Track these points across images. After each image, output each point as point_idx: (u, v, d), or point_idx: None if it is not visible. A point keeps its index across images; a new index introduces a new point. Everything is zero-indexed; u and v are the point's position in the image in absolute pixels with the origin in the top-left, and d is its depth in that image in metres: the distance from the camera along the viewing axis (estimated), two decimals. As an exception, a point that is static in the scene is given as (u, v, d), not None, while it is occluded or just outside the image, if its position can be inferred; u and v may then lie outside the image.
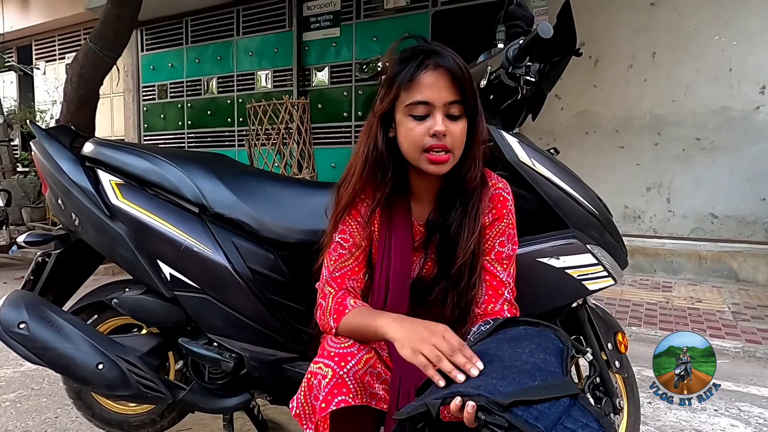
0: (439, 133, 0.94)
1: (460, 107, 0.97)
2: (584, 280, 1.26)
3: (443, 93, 0.95)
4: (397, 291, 1.04)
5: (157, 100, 6.86)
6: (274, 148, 4.61)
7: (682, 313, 3.20)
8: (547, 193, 1.27)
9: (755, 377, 2.36)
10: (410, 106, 0.96)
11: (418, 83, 0.95)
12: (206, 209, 1.37)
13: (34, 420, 1.86)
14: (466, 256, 1.02)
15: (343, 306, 1.00)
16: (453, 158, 0.98)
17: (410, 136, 0.97)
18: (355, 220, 1.08)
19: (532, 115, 1.48)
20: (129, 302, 1.42)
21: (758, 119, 4.04)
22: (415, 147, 0.97)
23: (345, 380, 0.87)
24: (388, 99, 0.98)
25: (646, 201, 4.49)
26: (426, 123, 0.96)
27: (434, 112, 0.95)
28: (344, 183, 1.07)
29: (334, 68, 5.61)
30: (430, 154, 0.96)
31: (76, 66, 4.00)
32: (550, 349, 0.85)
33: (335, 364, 0.88)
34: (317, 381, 0.87)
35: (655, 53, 4.37)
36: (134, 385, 1.32)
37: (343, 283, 1.06)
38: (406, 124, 0.97)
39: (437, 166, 0.97)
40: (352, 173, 1.05)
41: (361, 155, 1.04)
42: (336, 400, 0.86)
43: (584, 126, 4.65)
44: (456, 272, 1.03)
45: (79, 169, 1.41)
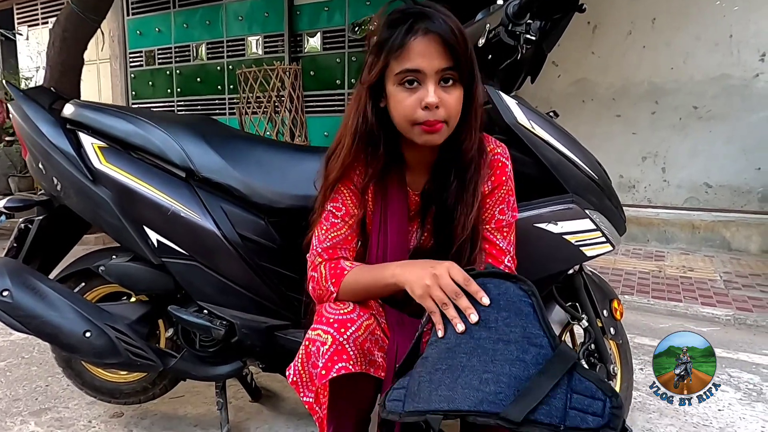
0: (431, 105, 0.89)
1: (454, 74, 0.91)
2: (582, 246, 1.24)
3: (435, 60, 0.88)
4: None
5: (145, 67, 6.68)
6: (266, 116, 4.52)
7: (674, 282, 3.22)
8: (546, 157, 1.24)
9: (745, 344, 2.39)
10: (400, 74, 0.90)
11: (408, 50, 0.88)
12: (194, 174, 1.32)
13: (24, 388, 1.85)
14: (465, 232, 0.99)
15: (340, 269, 0.97)
16: (447, 128, 0.93)
17: (401, 108, 0.91)
18: (347, 188, 1.03)
19: (531, 77, 1.44)
20: (116, 269, 1.39)
21: (757, 87, 3.99)
22: (406, 119, 0.92)
23: (345, 347, 0.85)
24: (377, 68, 0.92)
25: (641, 171, 4.47)
26: (418, 93, 0.90)
27: (426, 81, 0.89)
28: (333, 156, 1.02)
29: (326, 34, 5.46)
30: (423, 125, 0.91)
31: (58, 29, 3.86)
32: (522, 311, 0.81)
33: (335, 331, 0.85)
34: (316, 348, 0.85)
35: (655, 19, 4.28)
36: (123, 353, 1.29)
37: (335, 253, 1.02)
38: (396, 94, 0.92)
39: (431, 136, 0.92)
40: (341, 146, 1.00)
41: (350, 128, 0.98)
42: (336, 367, 0.83)
43: (581, 94, 4.59)
44: (455, 246, 0.99)
45: (59, 131, 1.35)
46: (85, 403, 1.73)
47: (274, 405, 1.76)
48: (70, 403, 1.74)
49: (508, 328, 0.80)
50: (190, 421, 1.65)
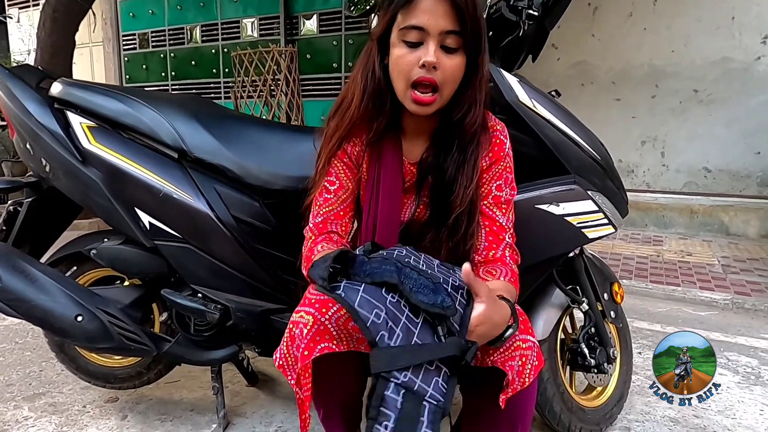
0: (428, 64, 0.87)
1: (459, 39, 0.88)
2: (584, 228, 1.21)
3: (440, 20, 0.86)
4: (384, 234, 0.98)
5: (139, 50, 6.57)
6: (261, 100, 4.46)
7: (672, 266, 3.21)
8: (548, 136, 1.21)
9: (743, 328, 2.38)
10: (404, 30, 0.88)
11: (415, 6, 0.86)
12: (186, 154, 1.28)
13: (18, 374, 1.83)
14: (463, 205, 0.96)
15: (310, 252, 0.97)
16: (440, 98, 0.91)
17: (400, 63, 0.90)
18: (341, 162, 1.02)
19: (533, 55, 1.40)
20: (108, 252, 1.36)
21: (758, 70, 3.95)
22: (402, 77, 0.90)
23: (327, 326, 0.82)
24: (384, 20, 0.91)
25: (640, 155, 4.44)
26: (418, 51, 0.88)
27: (428, 40, 0.87)
28: (338, 112, 0.99)
29: (323, 16, 5.37)
30: (415, 92, 0.89)
31: (49, 9, 3.77)
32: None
33: (316, 311, 0.82)
34: (299, 330, 0.82)
35: (656, 1, 4.22)
36: (116, 338, 1.27)
37: (325, 227, 1.02)
38: (397, 50, 0.90)
39: (420, 107, 0.91)
40: (349, 102, 0.98)
41: (359, 83, 0.96)
42: (319, 348, 0.81)
43: (580, 77, 4.54)
44: (452, 220, 0.97)
45: (47, 110, 1.31)
46: (80, 388, 1.71)
47: (270, 389, 1.74)
48: (64, 388, 1.72)
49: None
50: (186, 406, 1.63)
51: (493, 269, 0.96)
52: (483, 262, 0.99)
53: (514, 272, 0.97)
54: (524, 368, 0.82)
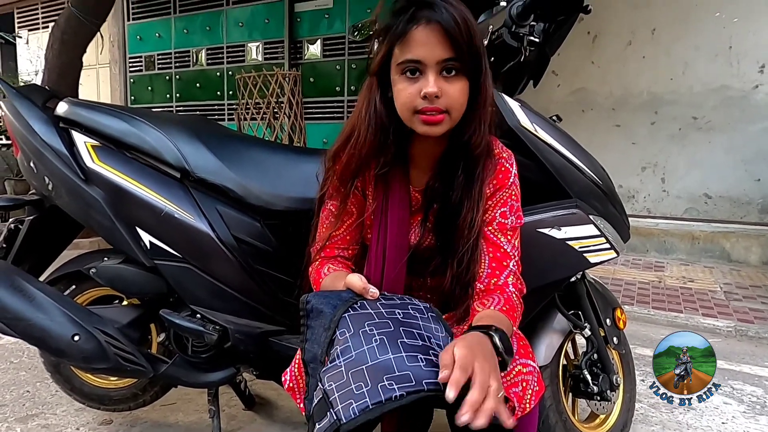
0: (430, 95, 0.86)
1: (457, 65, 0.88)
2: (586, 252, 1.21)
3: (436, 50, 0.86)
4: (394, 261, 0.98)
5: (144, 72, 6.67)
6: (265, 122, 4.50)
7: (674, 293, 3.19)
8: (550, 161, 1.21)
9: (747, 356, 2.35)
10: (402, 64, 0.88)
11: (409, 40, 0.86)
12: (188, 174, 1.28)
13: (11, 394, 1.80)
14: (472, 228, 0.96)
15: (318, 275, 0.98)
16: (450, 119, 0.90)
17: (402, 96, 0.90)
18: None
19: (534, 80, 1.42)
20: (107, 272, 1.35)
21: (756, 98, 3.99)
22: (407, 108, 0.90)
23: None
24: (380, 55, 0.91)
25: (640, 180, 4.46)
26: (419, 83, 0.88)
27: (426, 71, 0.87)
28: (348, 147, 0.98)
29: (326, 41, 5.46)
30: (423, 115, 0.89)
31: (57, 32, 3.84)
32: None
33: None
34: None
35: (655, 29, 4.29)
36: (112, 358, 1.25)
37: (332, 252, 1.03)
38: (398, 83, 0.90)
39: (430, 127, 0.90)
40: (356, 138, 0.97)
41: (363, 119, 0.96)
42: None
43: (580, 104, 4.58)
44: (458, 246, 0.96)
45: (52, 129, 1.32)
46: (74, 409, 1.68)
47: (268, 413, 1.71)
48: (58, 410, 1.69)
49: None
50: (181, 429, 1.60)
51: (487, 299, 0.94)
52: (483, 290, 0.97)
53: (510, 300, 0.94)
54: (525, 393, 0.81)
